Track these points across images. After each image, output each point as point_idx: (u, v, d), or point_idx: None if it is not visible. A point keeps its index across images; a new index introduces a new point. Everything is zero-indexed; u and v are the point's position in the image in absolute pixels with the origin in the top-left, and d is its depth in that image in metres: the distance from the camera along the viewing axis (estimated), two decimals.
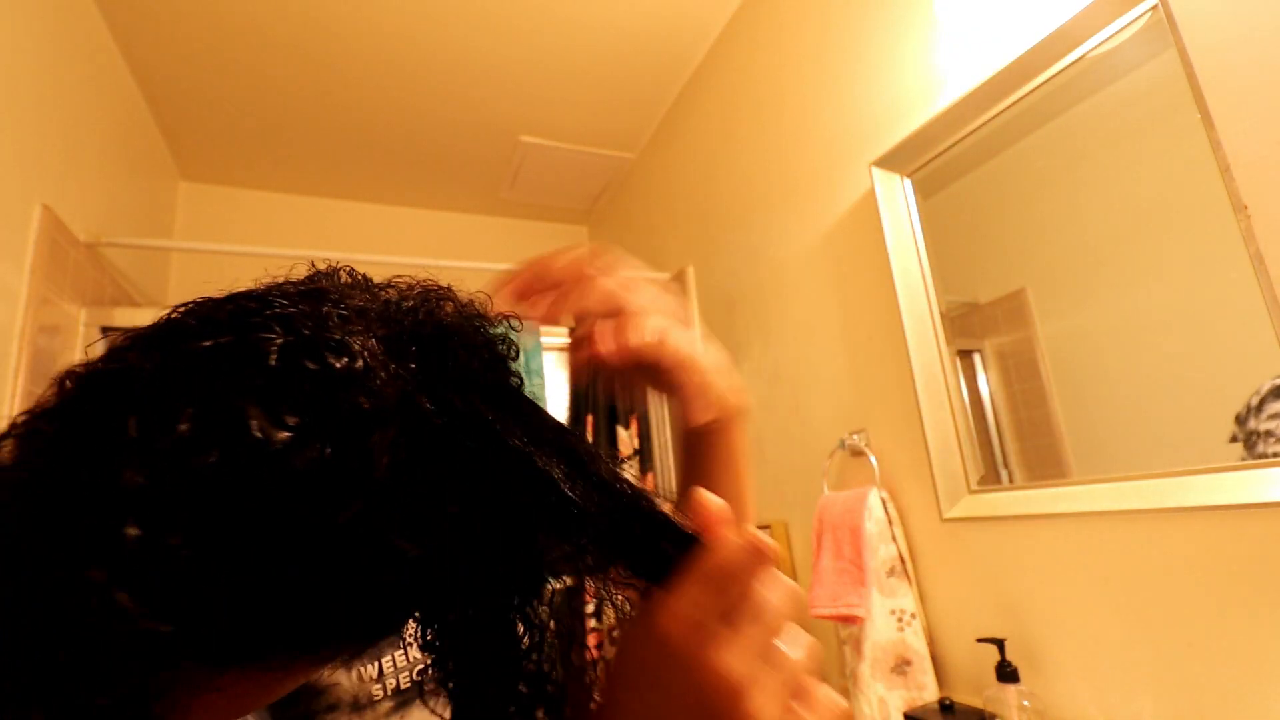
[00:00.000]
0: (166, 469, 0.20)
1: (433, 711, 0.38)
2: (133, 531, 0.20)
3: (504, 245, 2.74)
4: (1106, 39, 0.85)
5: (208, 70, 1.78)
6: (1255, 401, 0.72)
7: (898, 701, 1.04)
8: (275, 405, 0.22)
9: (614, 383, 0.39)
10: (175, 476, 0.20)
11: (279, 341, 0.23)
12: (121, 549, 0.19)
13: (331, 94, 1.93)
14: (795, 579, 1.48)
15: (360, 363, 0.23)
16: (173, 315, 0.25)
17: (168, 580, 0.20)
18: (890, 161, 1.18)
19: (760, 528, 1.55)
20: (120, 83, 1.71)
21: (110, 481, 0.20)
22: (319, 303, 0.25)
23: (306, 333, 0.23)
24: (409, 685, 0.44)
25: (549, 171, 2.45)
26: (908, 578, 1.11)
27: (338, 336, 0.23)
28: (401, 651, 0.45)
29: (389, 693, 0.43)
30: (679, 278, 2.04)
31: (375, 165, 2.30)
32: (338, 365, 0.23)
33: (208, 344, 0.23)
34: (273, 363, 0.22)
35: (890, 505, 1.16)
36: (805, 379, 1.46)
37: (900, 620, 1.08)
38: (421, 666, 0.45)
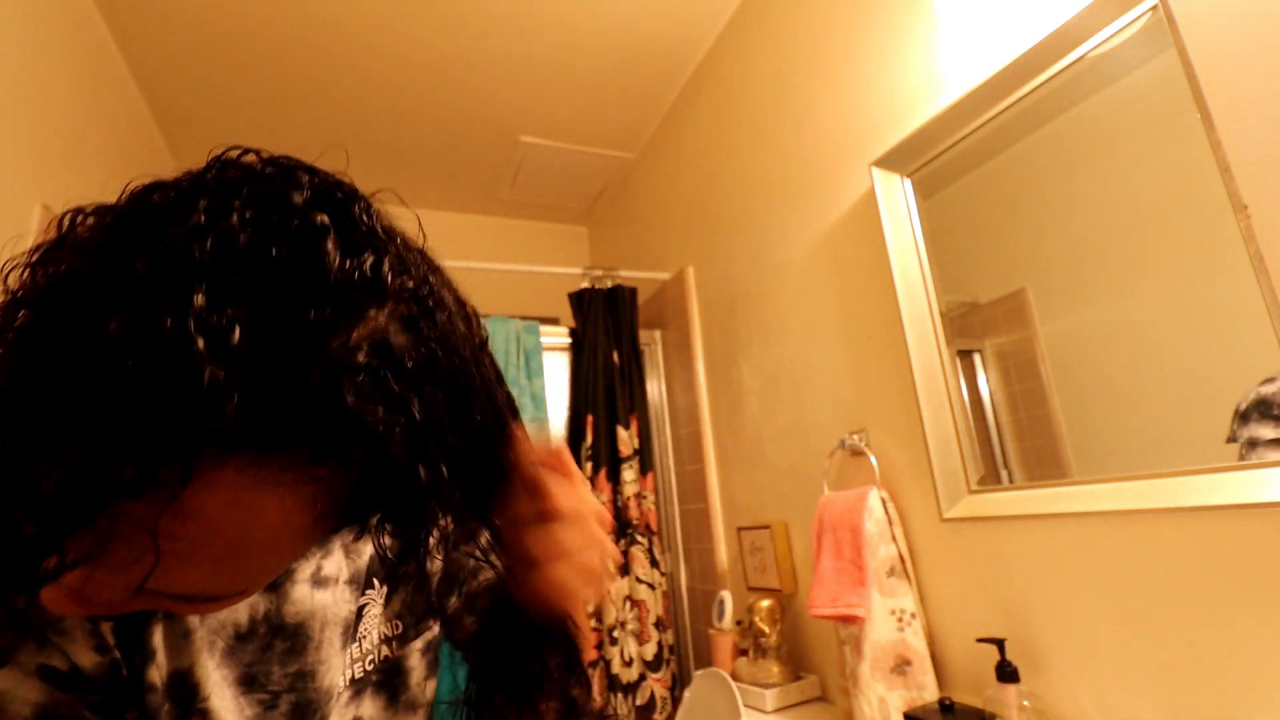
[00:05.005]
0: (227, 253, 0.24)
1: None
2: (200, 298, 0.23)
3: (504, 245, 2.74)
4: (1106, 39, 0.85)
5: (207, 70, 1.79)
6: (1243, 407, 0.72)
7: (898, 701, 1.04)
8: (347, 240, 0.27)
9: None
10: (235, 259, 0.24)
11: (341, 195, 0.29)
12: (191, 309, 0.23)
13: (331, 94, 1.93)
14: (795, 579, 1.48)
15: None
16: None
17: (225, 342, 0.23)
18: (890, 161, 1.18)
19: (760, 528, 1.55)
20: (120, 83, 1.71)
21: (180, 257, 0.24)
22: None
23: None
24: (363, 675, 0.46)
25: (549, 171, 2.45)
26: (908, 578, 1.11)
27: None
28: (356, 643, 0.47)
29: (347, 681, 0.45)
30: (679, 278, 2.04)
31: (376, 165, 2.30)
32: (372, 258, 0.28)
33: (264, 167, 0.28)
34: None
35: (890, 505, 1.16)
36: (805, 379, 1.46)
37: (900, 620, 1.08)
38: (373, 656, 0.47)
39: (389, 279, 0.28)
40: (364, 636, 0.47)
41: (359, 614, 0.47)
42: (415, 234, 0.34)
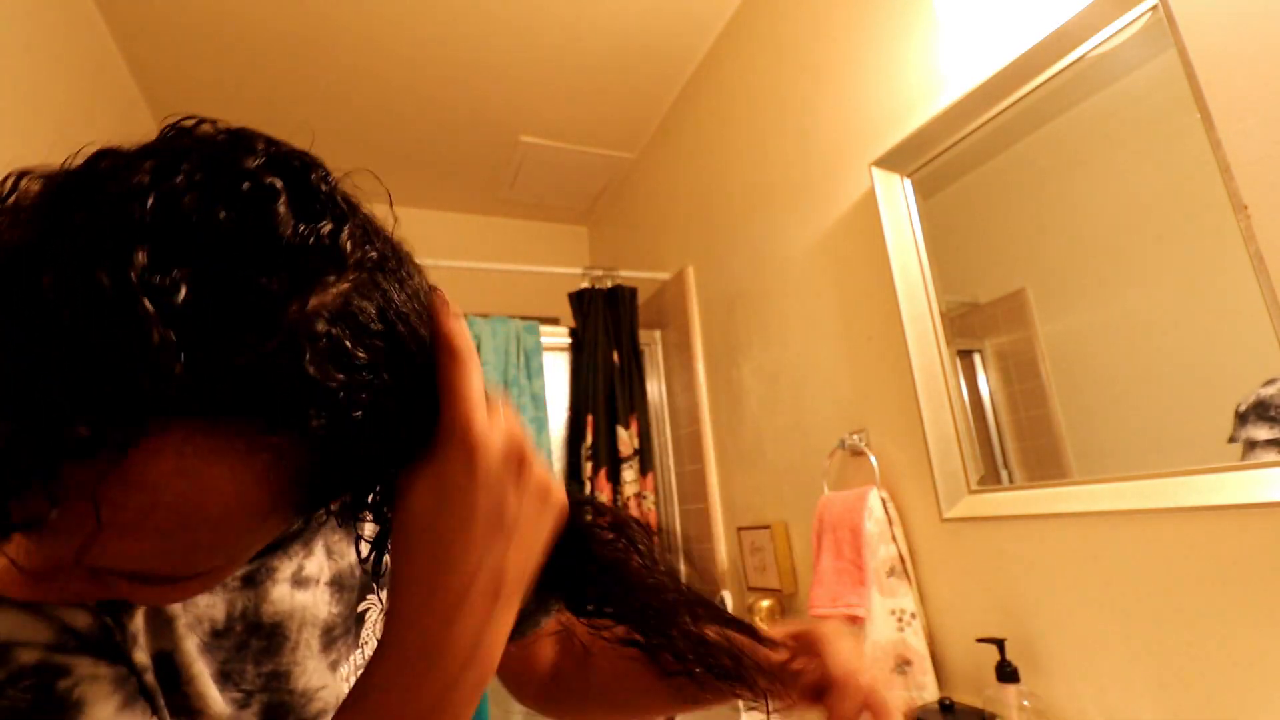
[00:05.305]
0: (169, 213, 0.23)
1: None
2: (141, 255, 0.22)
3: (504, 245, 2.74)
4: (1106, 39, 0.85)
5: (207, 70, 1.79)
6: (1243, 409, 0.72)
7: (898, 702, 1.04)
8: (301, 202, 0.26)
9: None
10: (179, 219, 0.23)
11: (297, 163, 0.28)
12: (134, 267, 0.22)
13: (332, 94, 1.94)
14: (795, 579, 1.48)
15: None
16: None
17: (169, 301, 0.22)
18: (890, 161, 1.18)
19: (760, 528, 1.55)
20: (120, 83, 1.71)
21: (118, 214, 0.23)
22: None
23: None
24: None
25: (549, 171, 2.45)
26: (908, 578, 1.11)
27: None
28: (360, 650, 0.46)
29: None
30: (679, 278, 2.04)
31: (376, 165, 2.29)
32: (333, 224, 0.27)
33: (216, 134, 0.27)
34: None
35: (890, 505, 1.16)
36: (805, 379, 1.46)
37: (900, 620, 1.08)
38: None
39: (348, 247, 0.27)
40: (366, 643, 0.46)
41: (360, 619, 0.46)
42: (385, 219, 0.33)
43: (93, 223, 0.23)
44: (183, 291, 0.22)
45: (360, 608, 0.46)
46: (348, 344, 0.26)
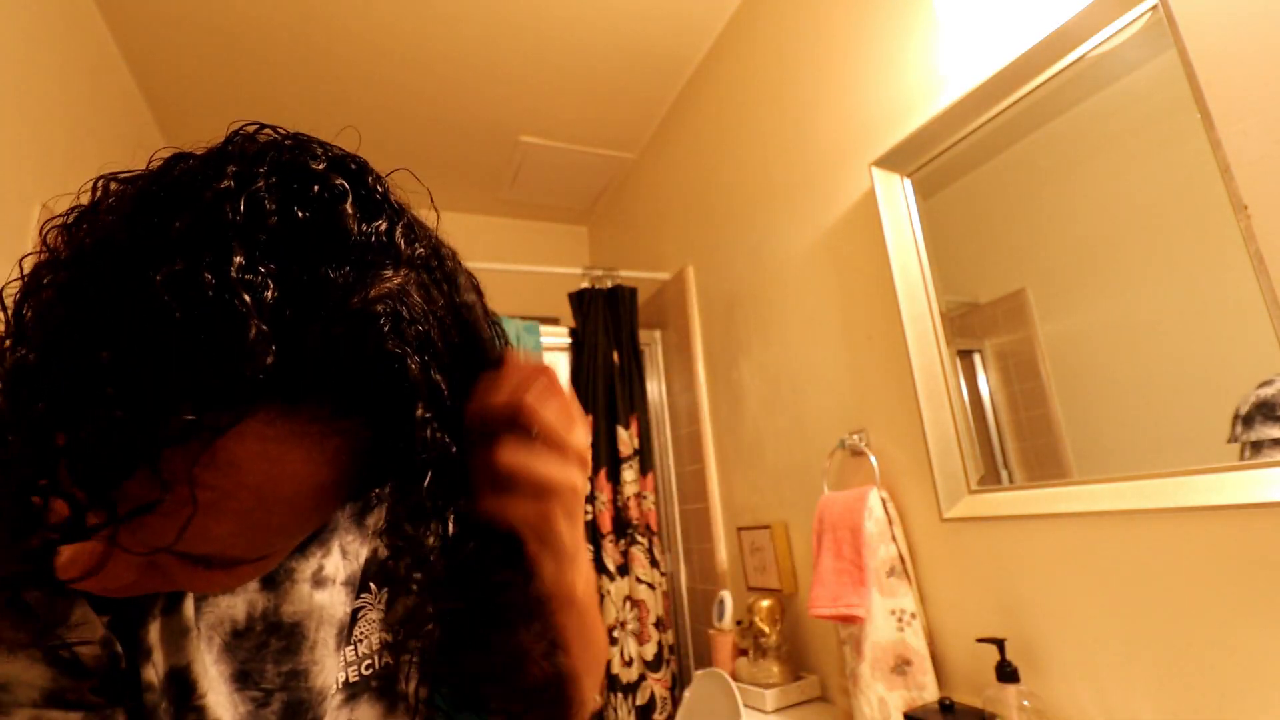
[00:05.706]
0: (256, 215, 0.25)
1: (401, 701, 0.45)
2: (238, 256, 0.24)
3: (504, 245, 2.74)
4: (1106, 39, 0.86)
5: (208, 70, 1.79)
6: (1244, 411, 0.72)
7: (898, 701, 1.04)
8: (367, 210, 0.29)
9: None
10: (264, 220, 0.25)
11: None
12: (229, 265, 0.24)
13: (333, 95, 1.94)
14: (795, 579, 1.49)
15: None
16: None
17: (261, 298, 0.24)
18: (890, 161, 1.18)
19: (760, 528, 1.55)
20: (120, 82, 1.71)
21: (214, 217, 0.25)
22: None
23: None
24: (358, 679, 0.46)
25: (549, 171, 2.45)
26: (908, 578, 1.11)
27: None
28: (351, 647, 0.46)
29: (340, 684, 0.45)
30: (679, 278, 2.04)
31: (375, 166, 2.30)
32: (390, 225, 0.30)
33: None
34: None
35: (890, 505, 1.16)
36: (805, 379, 1.46)
37: (900, 620, 1.08)
38: (370, 662, 0.47)
39: (402, 244, 0.30)
40: (359, 640, 0.47)
41: (353, 616, 0.47)
42: (431, 222, 0.36)
43: (193, 226, 0.25)
44: (271, 287, 0.25)
45: (355, 604, 0.47)
46: (403, 330, 0.28)
